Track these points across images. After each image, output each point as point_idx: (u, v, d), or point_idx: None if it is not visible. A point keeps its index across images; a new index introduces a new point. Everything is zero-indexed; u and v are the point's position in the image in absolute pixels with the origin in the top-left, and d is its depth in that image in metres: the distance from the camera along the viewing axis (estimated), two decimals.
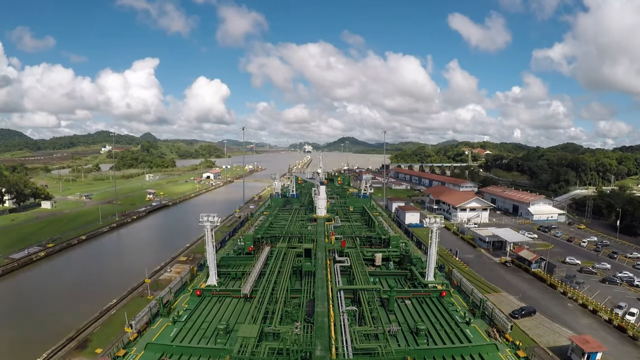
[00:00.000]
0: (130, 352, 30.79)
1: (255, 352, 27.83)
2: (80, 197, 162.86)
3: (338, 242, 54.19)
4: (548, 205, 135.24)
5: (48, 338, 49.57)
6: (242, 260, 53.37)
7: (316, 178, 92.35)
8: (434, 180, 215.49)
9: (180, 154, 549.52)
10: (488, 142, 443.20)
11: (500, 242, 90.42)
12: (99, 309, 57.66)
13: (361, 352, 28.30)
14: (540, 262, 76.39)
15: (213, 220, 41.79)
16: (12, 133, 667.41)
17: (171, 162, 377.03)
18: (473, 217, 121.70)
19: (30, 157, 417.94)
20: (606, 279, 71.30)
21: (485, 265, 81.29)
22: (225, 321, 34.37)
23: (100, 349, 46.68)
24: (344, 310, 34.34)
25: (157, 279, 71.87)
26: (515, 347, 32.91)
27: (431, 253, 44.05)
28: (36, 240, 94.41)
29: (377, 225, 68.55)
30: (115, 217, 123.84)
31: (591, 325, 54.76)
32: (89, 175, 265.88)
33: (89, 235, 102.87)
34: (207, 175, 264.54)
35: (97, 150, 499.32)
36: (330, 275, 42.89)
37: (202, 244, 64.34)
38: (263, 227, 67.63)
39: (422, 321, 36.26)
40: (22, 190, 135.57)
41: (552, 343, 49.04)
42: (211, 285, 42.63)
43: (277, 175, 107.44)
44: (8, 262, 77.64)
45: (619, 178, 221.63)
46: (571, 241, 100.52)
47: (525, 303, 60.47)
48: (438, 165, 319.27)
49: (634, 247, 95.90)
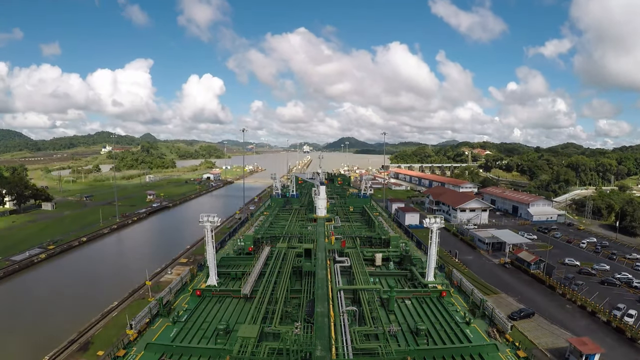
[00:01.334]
0: (130, 352, 30.81)
1: (255, 352, 27.85)
2: (81, 198, 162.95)
3: (338, 242, 54.26)
4: (547, 206, 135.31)
5: (50, 340, 49.63)
6: (242, 260, 53.39)
7: (316, 178, 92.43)
8: (434, 181, 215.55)
9: (180, 155, 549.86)
10: (488, 142, 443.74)
11: (500, 243, 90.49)
12: (100, 311, 57.75)
13: (361, 353, 28.30)
14: (539, 263, 76.43)
15: (213, 220, 41.84)
16: (12, 134, 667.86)
17: (171, 163, 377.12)
18: (473, 218, 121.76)
19: (30, 157, 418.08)
20: (605, 280, 71.31)
21: (485, 267, 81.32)
22: (225, 321, 34.37)
23: (102, 351, 46.78)
24: (344, 311, 34.34)
25: (158, 281, 71.94)
26: (515, 348, 32.96)
27: (431, 253, 44.09)
28: (37, 242, 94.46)
29: (377, 225, 68.61)
30: (115, 218, 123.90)
31: (589, 326, 54.79)
32: (89, 176, 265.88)
33: (89, 237, 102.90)
34: (207, 176, 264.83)
35: (97, 150, 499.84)
36: (330, 275, 42.89)
37: (202, 245, 64.40)
38: (263, 227, 67.72)
39: (422, 321, 36.27)
40: (22, 191, 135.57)
41: (550, 345, 49.11)
42: (211, 285, 42.63)
43: (277, 175, 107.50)
44: (9, 264, 77.60)
45: (619, 178, 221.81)
46: (570, 242, 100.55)
47: (524, 305, 60.49)
48: (438, 165, 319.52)
49: (633, 248, 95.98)
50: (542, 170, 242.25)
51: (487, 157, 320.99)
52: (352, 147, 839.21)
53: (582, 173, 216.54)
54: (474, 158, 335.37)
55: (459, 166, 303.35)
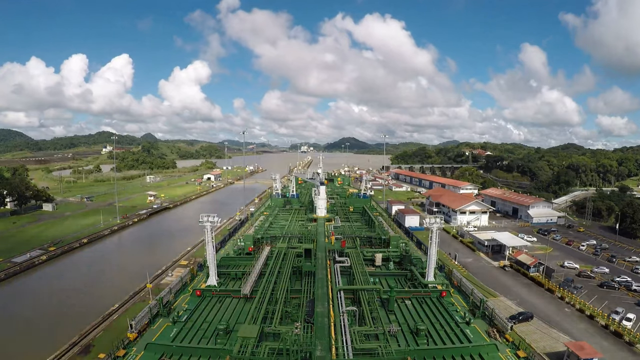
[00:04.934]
0: (130, 352, 30.93)
1: (255, 352, 27.96)
2: (82, 199, 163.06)
3: (338, 242, 54.36)
4: (548, 208, 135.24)
5: (52, 343, 49.61)
6: (242, 260, 53.49)
7: (316, 178, 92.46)
8: (434, 182, 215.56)
9: (180, 155, 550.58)
10: (489, 142, 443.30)
11: (500, 245, 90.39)
12: (101, 314, 57.78)
13: (361, 353, 28.39)
14: (538, 266, 76.33)
15: (213, 220, 41.96)
16: (13, 133, 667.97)
17: (172, 163, 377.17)
18: (472, 220, 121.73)
19: (31, 157, 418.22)
20: (604, 284, 71.08)
21: (484, 270, 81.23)
22: (225, 321, 34.47)
23: (103, 354, 46.71)
24: (344, 311, 34.44)
25: (159, 283, 71.87)
26: (515, 348, 33.02)
27: (431, 253, 44.19)
28: (38, 243, 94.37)
29: (377, 225, 68.72)
30: (116, 219, 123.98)
31: (588, 330, 54.55)
32: (89, 176, 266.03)
33: (90, 238, 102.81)
34: (208, 176, 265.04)
35: (98, 150, 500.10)
36: (330, 275, 43.00)
37: (203, 247, 64.44)
38: (263, 227, 67.84)
39: (422, 321, 36.36)
40: (23, 192, 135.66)
41: (548, 349, 48.93)
42: (211, 285, 42.73)
43: (277, 175, 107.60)
44: (10, 266, 77.48)
45: (620, 179, 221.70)
46: (570, 244, 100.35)
47: (523, 308, 60.23)
48: (439, 166, 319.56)
49: (633, 251, 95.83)
50: (543, 171, 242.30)
51: (488, 158, 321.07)
52: (353, 148, 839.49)
53: (582, 174, 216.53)
54: (474, 158, 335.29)
55: (460, 167, 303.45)
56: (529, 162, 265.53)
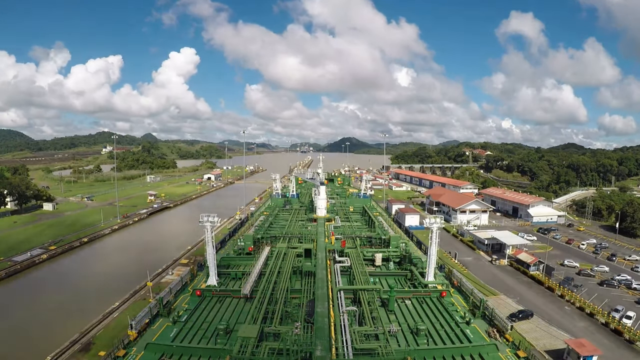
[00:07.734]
0: (130, 352, 30.91)
1: (256, 352, 27.93)
2: (82, 199, 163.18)
3: (338, 242, 54.31)
4: (548, 207, 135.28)
5: (52, 341, 49.73)
6: (242, 260, 53.44)
7: (316, 178, 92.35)
8: (435, 181, 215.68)
9: (181, 155, 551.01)
10: (489, 142, 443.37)
11: (500, 244, 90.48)
12: (102, 312, 57.86)
13: (361, 353, 28.38)
14: (538, 264, 76.45)
15: (213, 220, 41.92)
16: (13, 133, 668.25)
17: (172, 163, 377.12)
18: (472, 219, 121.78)
19: (31, 157, 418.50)
20: (604, 282, 71.25)
21: (484, 268, 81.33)
22: (225, 321, 34.45)
23: (104, 351, 46.81)
24: (344, 311, 34.42)
25: (159, 281, 72.04)
26: (515, 347, 33.03)
27: (431, 253, 44.15)
28: (38, 242, 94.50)
29: (377, 225, 68.64)
30: (117, 219, 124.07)
31: (588, 328, 54.77)
32: (90, 176, 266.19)
33: (90, 238, 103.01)
34: (208, 176, 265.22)
35: (98, 150, 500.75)
36: (330, 275, 42.98)
37: (203, 246, 64.57)
38: (263, 227, 67.73)
39: (422, 321, 36.34)
40: (23, 192, 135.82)
41: (548, 346, 49.10)
42: (211, 285, 42.69)
43: (277, 175, 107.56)
44: (11, 265, 77.69)
45: (620, 179, 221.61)
46: (570, 243, 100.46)
47: (523, 306, 60.42)
48: (439, 166, 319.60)
49: (633, 249, 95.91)
50: (543, 170, 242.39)
51: (488, 158, 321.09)
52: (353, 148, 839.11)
53: (582, 174, 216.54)
54: (474, 158, 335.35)
55: (460, 167, 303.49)
56: (529, 161, 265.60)
